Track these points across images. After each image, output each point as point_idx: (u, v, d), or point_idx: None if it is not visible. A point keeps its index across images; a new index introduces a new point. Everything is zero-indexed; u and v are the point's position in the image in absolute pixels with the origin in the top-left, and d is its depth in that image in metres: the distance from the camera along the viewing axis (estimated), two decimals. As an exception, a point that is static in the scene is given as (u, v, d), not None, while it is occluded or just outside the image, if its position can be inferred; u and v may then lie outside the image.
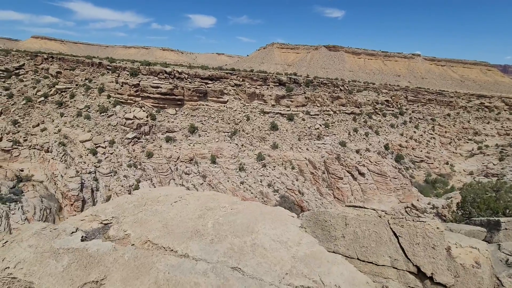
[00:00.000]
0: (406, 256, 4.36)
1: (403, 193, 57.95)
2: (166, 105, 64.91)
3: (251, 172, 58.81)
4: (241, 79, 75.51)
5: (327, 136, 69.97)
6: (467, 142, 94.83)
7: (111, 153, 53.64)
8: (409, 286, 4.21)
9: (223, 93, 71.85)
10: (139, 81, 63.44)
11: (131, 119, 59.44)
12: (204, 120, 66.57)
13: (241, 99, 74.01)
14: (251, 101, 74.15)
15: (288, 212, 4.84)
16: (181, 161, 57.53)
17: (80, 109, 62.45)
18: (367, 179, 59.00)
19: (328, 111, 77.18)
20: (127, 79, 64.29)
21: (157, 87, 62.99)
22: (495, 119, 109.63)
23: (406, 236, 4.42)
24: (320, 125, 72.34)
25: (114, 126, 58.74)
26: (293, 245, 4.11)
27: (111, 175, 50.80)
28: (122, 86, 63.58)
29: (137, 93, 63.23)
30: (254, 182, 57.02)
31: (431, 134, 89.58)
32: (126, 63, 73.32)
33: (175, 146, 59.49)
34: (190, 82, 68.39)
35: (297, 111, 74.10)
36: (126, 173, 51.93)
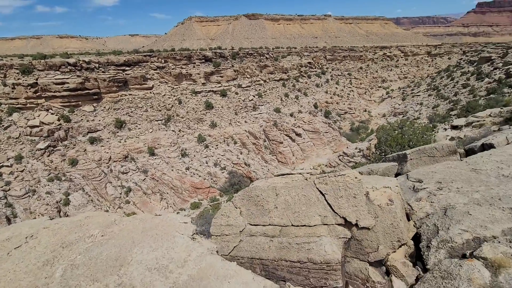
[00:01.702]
0: (333, 210, 4.69)
1: (335, 144, 64.58)
2: (80, 102, 56.32)
3: (194, 156, 57.27)
4: (163, 61, 69.67)
5: (262, 105, 71.61)
6: (378, 90, 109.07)
7: (22, 171, 45.12)
8: (339, 237, 4.60)
9: (145, 79, 65.57)
10: (36, 79, 52.88)
11: (37, 126, 50.11)
12: (131, 112, 60.49)
13: (168, 82, 68.95)
14: (179, 83, 69.80)
15: (180, 218, 4.31)
16: (114, 161, 52.19)
17: (-39, 126, 49.62)
18: (304, 139, 63.52)
19: (259, 81, 78.19)
20: (18, 79, 52.79)
21: (63, 83, 53.65)
22: (395, 66, 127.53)
23: (331, 192, 4.73)
24: (254, 96, 73.25)
25: (17, 138, 48.86)
26: (176, 268, 3.45)
27: (29, 196, 43.22)
28: (14, 88, 52.10)
29: (37, 94, 52.87)
30: (200, 165, 55.94)
31: (349, 87, 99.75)
32: (12, 59, 59.70)
33: (102, 146, 53.19)
34: (103, 72, 60.11)
35: (228, 85, 73.05)
36: (48, 189, 44.80)
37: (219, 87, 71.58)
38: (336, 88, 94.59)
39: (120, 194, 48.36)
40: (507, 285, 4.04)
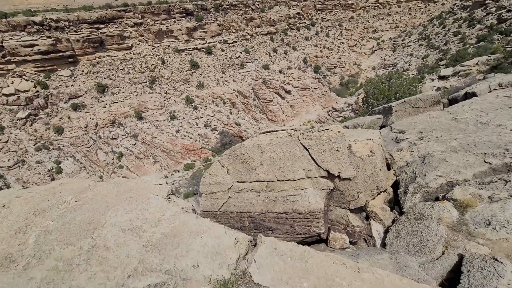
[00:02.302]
0: (317, 164, 4.87)
1: (324, 99, 64.35)
2: (55, 67, 52.71)
3: (184, 118, 56.51)
4: (140, 16, 63.97)
5: (250, 62, 68.89)
6: (369, 41, 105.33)
7: (6, 141, 43.95)
8: (322, 189, 4.85)
9: (123, 38, 60.93)
10: (1, 42, 48.38)
11: (13, 94, 47.44)
12: (112, 75, 57.41)
13: (148, 40, 64.36)
14: (160, 41, 65.32)
15: (155, 180, 4.34)
16: (102, 127, 51.11)
17: None
18: (293, 96, 62.85)
19: (245, 35, 73.89)
20: (-20, 42, 48.17)
21: (32, 46, 49.42)
22: (387, 14, 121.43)
23: (314, 147, 4.84)
24: (241, 53, 69.93)
25: (-7, 108, 46.50)
26: (150, 227, 3.56)
27: (19, 166, 42.80)
28: (-22, 53, 47.86)
29: (5, 58, 48.89)
30: (190, 127, 55.57)
31: (340, 39, 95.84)
32: (-32, 20, 53.60)
33: (87, 112, 51.48)
34: (75, 31, 55.26)
35: (213, 42, 68.96)
36: (37, 158, 44.29)
37: (204, 44, 67.52)
38: (326, 40, 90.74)
39: (112, 159, 48.41)
40: (471, 222, 4.48)
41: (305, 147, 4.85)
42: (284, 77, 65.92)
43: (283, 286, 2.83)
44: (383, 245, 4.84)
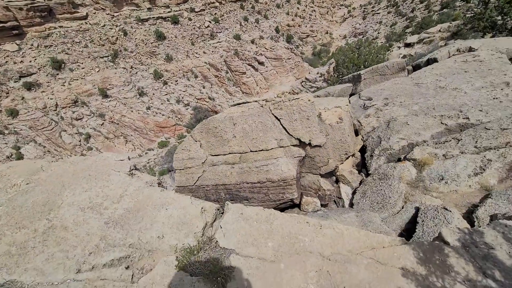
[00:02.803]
0: (288, 133, 4.97)
1: (298, 70, 64.11)
2: (-3, 41, 46.54)
3: (154, 94, 53.80)
4: (91, -20, 57.07)
5: (220, 32, 65.64)
6: (340, 8, 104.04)
7: (-49, 128, 39.46)
8: (294, 157, 5.01)
9: (76, 5, 54.57)
10: None
11: (-49, 74, 41.72)
12: (68, 49, 52.06)
13: (105, 8, 58.29)
14: (119, 9, 59.49)
15: (116, 157, 4.22)
16: (63, 107, 47.34)
17: None
18: (266, 67, 61.78)
19: (213, 2, 69.43)
20: None
21: (-35, 16, 42.80)
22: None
23: (286, 117, 4.91)
24: (210, 22, 66.12)
25: None
26: (111, 204, 3.51)
27: (-28, 154, 39.04)
28: None
29: None
30: (162, 103, 53.26)
31: (311, 7, 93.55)
32: None
33: (43, 92, 47.03)
34: (16, -2, 48.30)
35: (179, 10, 64.19)
36: (-8, 144, 40.51)
37: (169, 12, 62.65)
38: (298, 8, 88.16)
39: (80, 141, 45.70)
40: (427, 178, 4.94)
41: (276, 117, 4.89)
42: (257, 47, 64.05)
43: (248, 247, 3.03)
44: (351, 205, 5.23)
